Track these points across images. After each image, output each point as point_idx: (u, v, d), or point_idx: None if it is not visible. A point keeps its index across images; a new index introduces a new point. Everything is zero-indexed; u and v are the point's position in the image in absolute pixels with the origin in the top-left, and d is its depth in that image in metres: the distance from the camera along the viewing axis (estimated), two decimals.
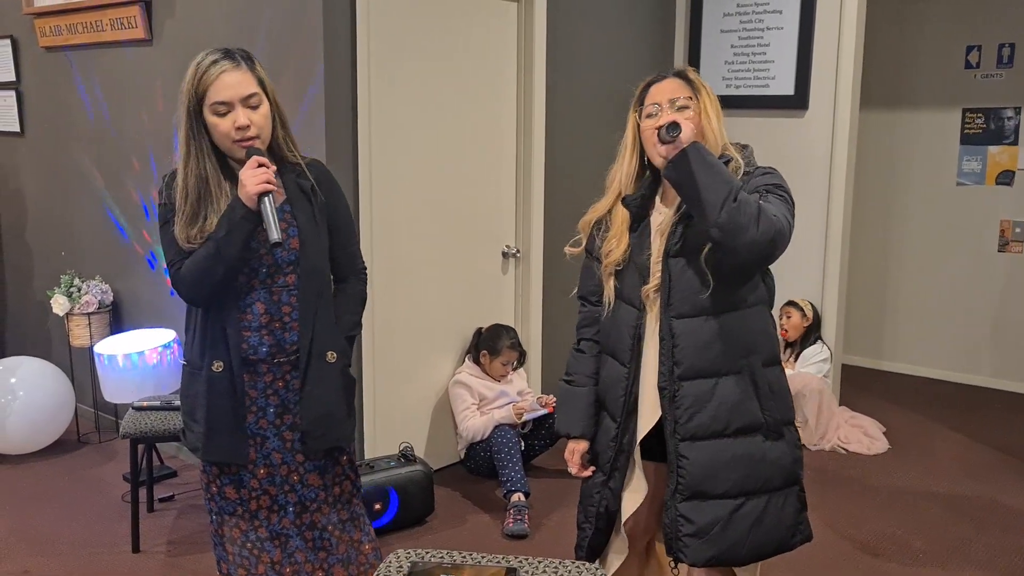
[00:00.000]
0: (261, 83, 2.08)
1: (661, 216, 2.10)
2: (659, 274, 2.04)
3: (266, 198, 2.02)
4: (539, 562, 1.86)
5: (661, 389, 2.05)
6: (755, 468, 2.05)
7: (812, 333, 4.57)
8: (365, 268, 2.38)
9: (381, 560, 2.33)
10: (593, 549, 2.26)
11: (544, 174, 4.17)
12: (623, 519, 2.19)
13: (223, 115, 2.04)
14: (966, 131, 5.23)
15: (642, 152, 2.10)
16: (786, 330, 4.58)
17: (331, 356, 2.19)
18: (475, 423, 3.82)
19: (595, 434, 2.23)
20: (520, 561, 1.87)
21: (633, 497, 2.18)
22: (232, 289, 2.12)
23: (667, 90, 2.05)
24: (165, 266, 2.24)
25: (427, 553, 1.85)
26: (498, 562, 1.86)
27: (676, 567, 2.18)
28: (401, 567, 1.82)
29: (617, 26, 4.54)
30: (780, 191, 2.01)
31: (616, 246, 2.12)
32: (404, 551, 1.88)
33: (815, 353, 4.54)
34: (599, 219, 2.20)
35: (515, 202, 4.18)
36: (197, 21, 3.73)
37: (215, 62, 2.05)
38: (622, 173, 2.13)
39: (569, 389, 2.27)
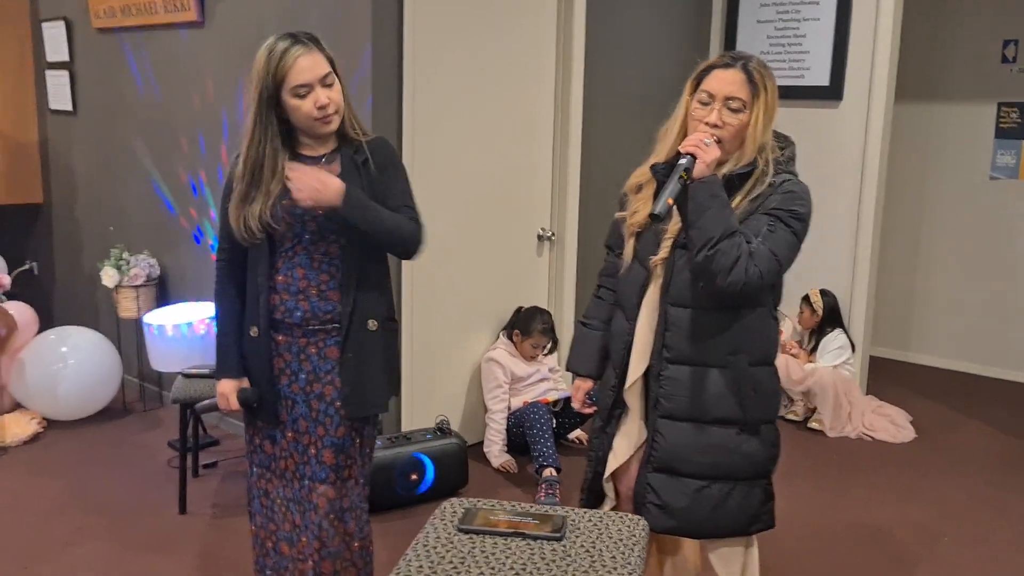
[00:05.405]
0: (331, 63, 2.19)
1: None
2: (666, 251, 2.13)
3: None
4: (584, 512, 1.96)
5: (649, 366, 2.15)
6: (726, 457, 2.14)
7: (826, 325, 4.63)
8: (420, 225, 2.32)
9: (367, 562, 2.39)
10: (594, 493, 2.35)
11: (580, 159, 4.26)
12: (611, 464, 2.26)
13: (304, 96, 2.14)
14: (1001, 125, 5.24)
15: (685, 125, 2.14)
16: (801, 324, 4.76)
17: (372, 324, 2.26)
18: (495, 442, 3.94)
19: (601, 379, 2.35)
20: (567, 511, 1.96)
21: (624, 442, 2.24)
22: (264, 259, 2.25)
23: (728, 83, 2.05)
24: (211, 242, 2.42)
25: (478, 501, 1.95)
26: (545, 511, 1.95)
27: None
28: (456, 512, 1.92)
29: (655, 14, 4.61)
30: (792, 219, 2.06)
31: (641, 209, 2.19)
32: (457, 500, 1.98)
33: (831, 341, 4.61)
34: (640, 183, 2.27)
35: (551, 186, 4.27)
36: (248, 4, 3.85)
37: (289, 47, 2.13)
38: (665, 144, 2.18)
39: (584, 331, 2.40)
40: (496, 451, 3.93)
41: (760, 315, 2.14)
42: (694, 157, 1.99)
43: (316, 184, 2.10)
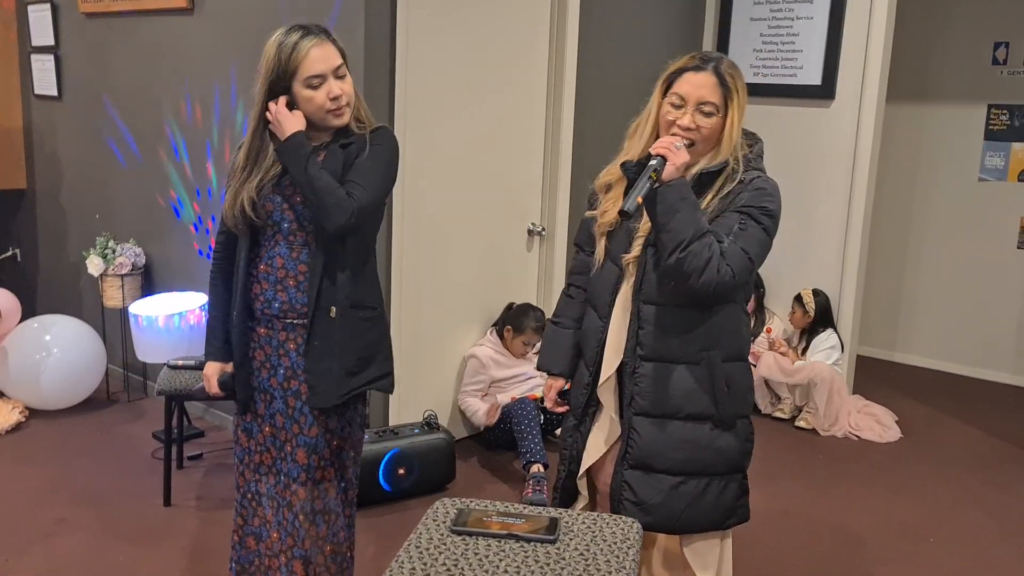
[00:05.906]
0: (343, 55, 2.17)
1: None
2: (639, 250, 2.13)
3: None
4: (578, 514, 1.95)
5: (623, 364, 2.16)
6: (700, 453, 2.15)
7: (818, 324, 4.65)
8: (355, 202, 2.13)
9: (343, 568, 2.35)
10: (568, 491, 2.35)
11: (571, 154, 4.24)
12: (586, 461, 2.27)
13: (317, 88, 2.12)
14: (991, 127, 5.26)
15: (657, 125, 2.16)
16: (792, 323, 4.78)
17: (332, 311, 2.20)
18: (473, 402, 3.95)
19: (574, 377, 2.34)
20: (560, 513, 1.95)
21: (598, 438, 2.25)
22: (247, 247, 2.25)
23: (699, 87, 2.06)
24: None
25: (471, 501, 1.94)
26: (539, 513, 1.94)
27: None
28: (448, 512, 1.91)
29: (648, 12, 4.60)
30: (762, 216, 2.06)
31: (612, 208, 2.20)
32: (449, 500, 1.97)
33: (823, 341, 4.62)
34: (609, 182, 2.27)
35: (542, 181, 4.25)
36: None
37: (301, 39, 2.11)
38: (635, 143, 2.19)
39: (555, 329, 2.39)
40: (481, 412, 3.93)
41: (732, 311, 2.15)
42: (664, 159, 1.99)
43: (276, 116, 2.14)
